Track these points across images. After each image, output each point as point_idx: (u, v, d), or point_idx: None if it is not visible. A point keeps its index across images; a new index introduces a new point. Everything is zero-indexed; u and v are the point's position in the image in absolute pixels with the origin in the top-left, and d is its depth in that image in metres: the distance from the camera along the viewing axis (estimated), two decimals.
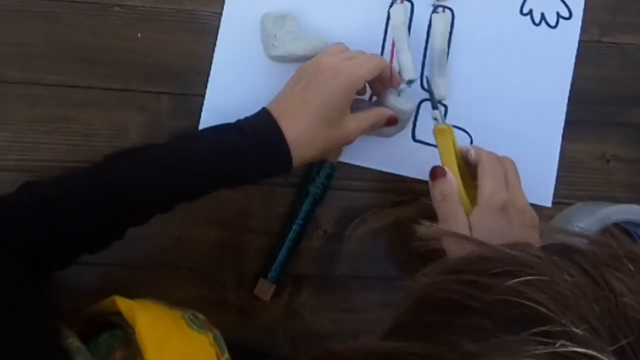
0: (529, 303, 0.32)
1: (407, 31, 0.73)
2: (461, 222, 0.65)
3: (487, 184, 0.64)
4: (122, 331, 0.58)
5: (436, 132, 0.68)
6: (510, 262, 0.35)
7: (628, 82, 0.78)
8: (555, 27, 0.77)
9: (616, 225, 0.72)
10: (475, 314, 0.34)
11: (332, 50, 0.67)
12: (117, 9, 0.72)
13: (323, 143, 0.65)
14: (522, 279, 0.33)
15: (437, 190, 0.65)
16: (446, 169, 0.66)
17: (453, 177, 0.66)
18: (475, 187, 0.64)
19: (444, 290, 0.36)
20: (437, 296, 0.36)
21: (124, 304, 0.59)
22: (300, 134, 0.63)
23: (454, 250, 0.60)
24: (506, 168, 0.65)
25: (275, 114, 0.64)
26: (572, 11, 0.77)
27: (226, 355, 0.57)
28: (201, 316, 0.61)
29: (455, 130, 0.75)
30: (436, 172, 0.66)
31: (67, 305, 0.61)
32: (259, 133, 0.63)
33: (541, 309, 0.32)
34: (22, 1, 0.70)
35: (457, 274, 0.36)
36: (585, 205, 0.76)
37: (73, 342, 0.56)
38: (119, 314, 0.60)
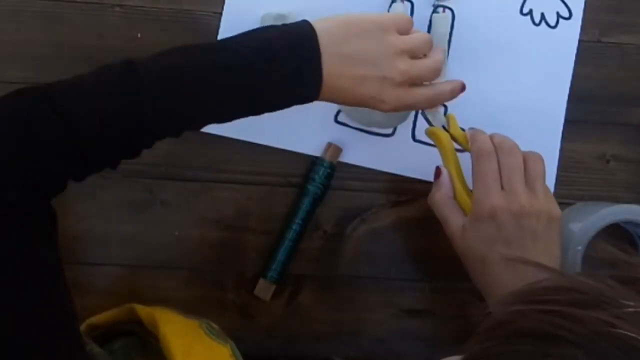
0: (622, 335, 0.33)
1: None
2: (454, 226, 0.64)
3: (476, 189, 0.63)
4: (138, 338, 0.58)
5: (428, 133, 0.68)
6: (594, 293, 0.36)
7: (628, 82, 0.78)
8: (555, 27, 0.77)
9: (616, 225, 0.72)
10: (569, 344, 0.34)
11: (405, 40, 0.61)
12: (117, 9, 0.72)
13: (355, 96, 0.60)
14: (614, 311, 0.34)
15: (431, 192, 0.65)
16: (443, 170, 0.66)
17: (447, 179, 0.65)
18: None
19: (533, 320, 0.36)
20: (526, 325, 0.36)
21: (144, 312, 0.59)
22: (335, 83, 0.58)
23: (503, 271, 0.60)
24: (506, 165, 0.63)
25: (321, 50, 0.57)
26: (572, 11, 0.77)
27: None
28: (216, 326, 0.61)
29: None
30: (435, 173, 0.66)
31: None
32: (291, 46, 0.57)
33: (634, 342, 0.33)
34: (22, 1, 0.70)
35: (543, 304, 0.36)
36: (585, 205, 0.76)
37: (93, 348, 0.57)
38: (135, 322, 0.60)
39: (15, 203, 0.47)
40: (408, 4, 0.74)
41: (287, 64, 0.56)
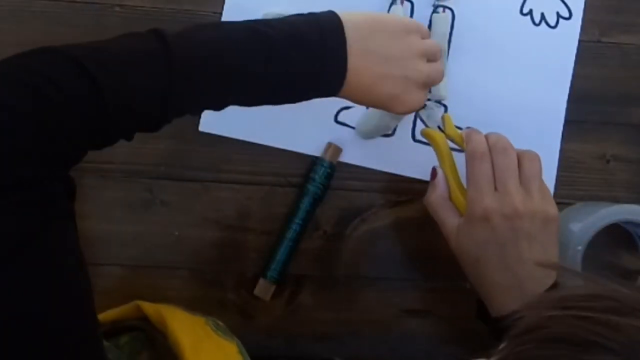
0: None
1: None
2: (448, 227, 0.64)
3: (469, 191, 0.63)
4: (143, 334, 0.58)
5: (423, 134, 0.69)
6: (629, 301, 0.36)
7: (628, 82, 0.78)
8: (555, 27, 0.77)
9: (616, 225, 0.72)
10: (605, 351, 0.34)
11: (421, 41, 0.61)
12: (117, 9, 0.72)
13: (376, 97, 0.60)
14: None
15: (427, 193, 0.65)
16: (439, 171, 0.66)
17: (443, 180, 0.65)
18: None
19: (568, 326, 0.36)
20: (560, 330, 0.36)
21: (151, 309, 0.59)
22: (361, 76, 0.57)
23: (497, 271, 0.60)
24: (499, 165, 0.62)
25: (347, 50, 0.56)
26: (572, 11, 0.77)
27: None
28: (221, 323, 0.61)
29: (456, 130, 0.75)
30: (431, 174, 0.66)
31: None
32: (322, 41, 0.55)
33: None
34: (22, 1, 0.70)
35: (578, 310, 0.36)
36: (585, 205, 0.76)
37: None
38: (141, 318, 0.60)
39: (34, 176, 0.43)
40: (408, 5, 0.74)
41: (314, 54, 0.55)
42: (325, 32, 0.55)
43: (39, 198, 0.43)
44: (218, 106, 0.55)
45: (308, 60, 0.54)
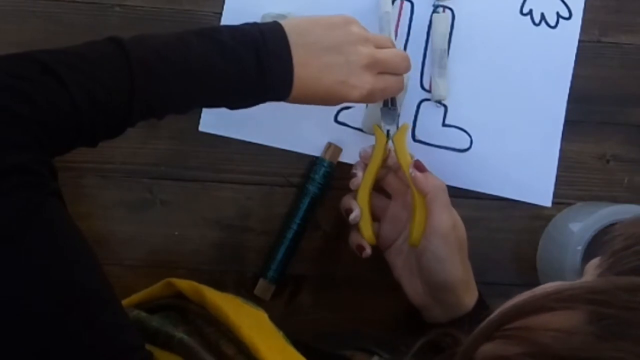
0: None
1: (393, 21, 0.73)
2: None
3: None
4: (175, 312, 0.60)
5: (373, 128, 0.70)
6: None
7: (628, 82, 0.78)
8: (555, 27, 0.77)
9: (616, 225, 0.72)
10: None
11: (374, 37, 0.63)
12: (117, 9, 0.72)
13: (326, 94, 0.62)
14: None
15: (436, 179, 0.67)
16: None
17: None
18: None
19: None
20: None
21: (185, 283, 0.61)
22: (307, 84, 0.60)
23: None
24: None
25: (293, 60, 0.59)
26: (572, 11, 0.77)
27: (281, 332, 0.57)
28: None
29: (456, 130, 0.75)
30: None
31: None
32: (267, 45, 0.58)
33: None
34: (22, 1, 0.70)
35: None
36: (585, 205, 0.76)
37: (139, 312, 0.58)
38: (172, 296, 0.62)
39: (26, 164, 0.47)
40: (408, 4, 0.74)
41: (260, 48, 0.57)
42: (265, 31, 0.58)
43: (29, 179, 0.47)
44: (179, 106, 0.58)
45: (257, 53, 0.57)
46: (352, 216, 0.69)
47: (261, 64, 0.57)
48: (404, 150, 0.68)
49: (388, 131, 0.69)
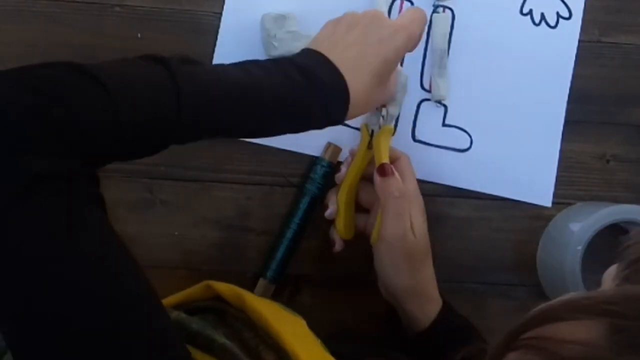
0: None
1: None
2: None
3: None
4: (212, 315, 0.60)
5: (361, 125, 0.72)
6: None
7: (628, 82, 0.78)
8: (555, 27, 0.77)
9: (616, 225, 0.72)
10: None
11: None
12: (117, 9, 0.72)
13: (374, 102, 0.63)
14: None
15: (392, 187, 0.67)
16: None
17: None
18: None
19: None
20: None
21: (224, 286, 0.61)
22: (359, 91, 0.59)
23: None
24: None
25: (334, 62, 0.58)
26: (572, 11, 0.77)
27: (319, 340, 0.57)
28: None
29: (456, 130, 0.75)
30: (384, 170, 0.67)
31: None
32: (321, 79, 0.57)
33: None
34: (22, 1, 0.70)
35: None
36: (585, 205, 0.76)
37: (180, 314, 0.58)
38: (210, 298, 0.62)
39: (61, 171, 0.44)
40: (408, 4, 0.74)
41: (323, 87, 0.57)
42: (312, 58, 0.58)
43: (65, 186, 0.44)
44: (231, 136, 0.58)
45: (319, 92, 0.57)
46: (326, 213, 0.71)
47: (325, 107, 0.58)
48: (381, 151, 0.69)
49: (372, 130, 0.70)
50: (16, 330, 0.43)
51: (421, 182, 0.72)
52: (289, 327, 0.55)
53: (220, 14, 0.72)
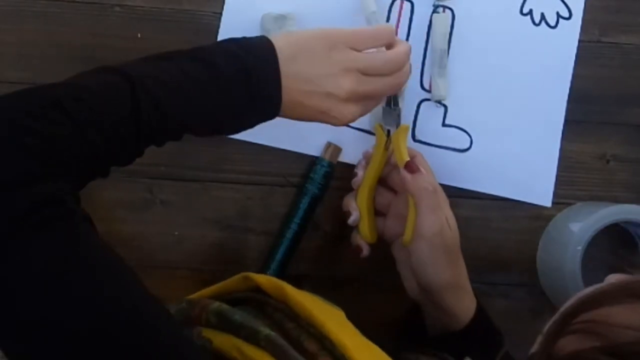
0: None
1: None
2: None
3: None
4: (250, 307, 0.60)
5: (375, 127, 0.71)
6: None
7: (628, 82, 0.78)
8: (555, 27, 0.77)
9: (616, 225, 0.72)
10: None
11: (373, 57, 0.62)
12: (117, 9, 0.72)
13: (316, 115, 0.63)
14: None
15: (425, 182, 0.66)
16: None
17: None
18: None
19: None
20: None
21: (263, 278, 0.61)
22: (293, 104, 0.60)
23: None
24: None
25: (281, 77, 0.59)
26: (572, 11, 0.77)
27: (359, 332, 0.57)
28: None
29: (456, 130, 0.75)
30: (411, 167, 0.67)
31: None
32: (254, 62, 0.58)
33: None
34: (22, 1, 0.70)
35: None
36: (585, 205, 0.76)
37: (221, 304, 0.58)
38: (248, 290, 0.62)
39: (53, 194, 0.47)
40: (407, 4, 0.74)
41: (251, 79, 0.57)
42: (262, 58, 0.58)
43: (58, 210, 0.47)
44: (176, 133, 0.58)
45: (248, 86, 0.57)
46: (350, 220, 0.70)
47: (251, 93, 0.57)
48: (402, 150, 0.68)
49: (388, 131, 0.69)
50: (23, 348, 0.45)
51: None
52: (332, 317, 0.55)
53: (220, 14, 0.72)
